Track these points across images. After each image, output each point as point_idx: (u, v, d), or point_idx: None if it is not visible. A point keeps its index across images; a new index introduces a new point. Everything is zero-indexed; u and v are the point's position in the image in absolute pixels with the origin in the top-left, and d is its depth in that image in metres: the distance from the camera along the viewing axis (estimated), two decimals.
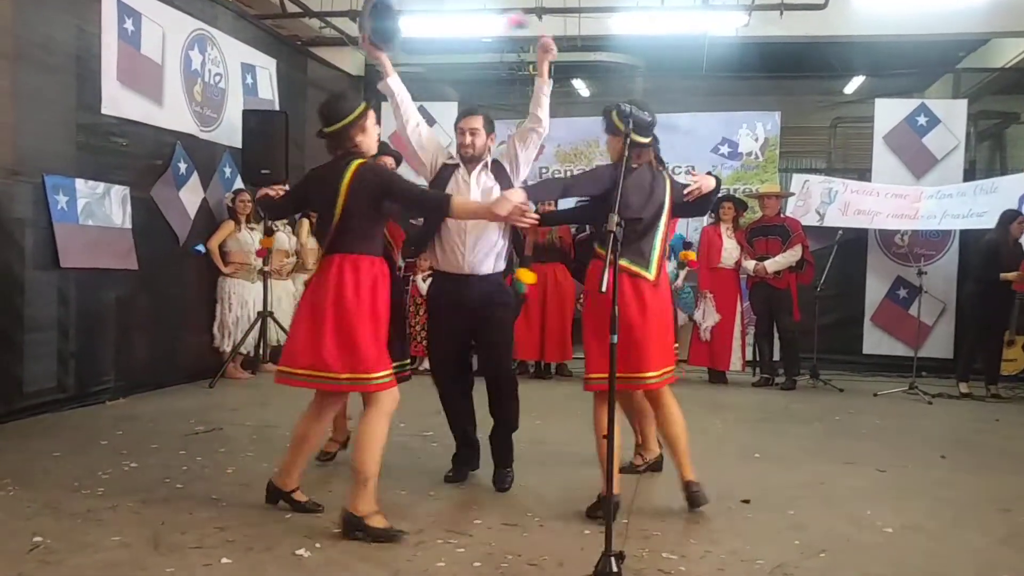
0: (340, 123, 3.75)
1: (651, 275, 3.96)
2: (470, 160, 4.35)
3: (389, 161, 4.89)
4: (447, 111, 10.61)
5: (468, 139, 4.33)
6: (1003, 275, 7.79)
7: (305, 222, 8.65)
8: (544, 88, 4.36)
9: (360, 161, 3.73)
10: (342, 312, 3.59)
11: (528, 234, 8.44)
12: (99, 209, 6.43)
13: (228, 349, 7.73)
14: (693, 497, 3.99)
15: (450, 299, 4.31)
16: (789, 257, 8.21)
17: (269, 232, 7.75)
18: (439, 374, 4.50)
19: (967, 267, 8.84)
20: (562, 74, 12.92)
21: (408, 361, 4.54)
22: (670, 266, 8.56)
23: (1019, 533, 3.89)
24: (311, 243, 8.67)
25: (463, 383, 4.54)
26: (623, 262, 3.64)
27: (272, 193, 4.25)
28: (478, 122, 4.36)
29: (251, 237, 7.86)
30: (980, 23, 9.40)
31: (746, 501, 4.22)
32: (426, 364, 8.68)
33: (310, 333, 3.64)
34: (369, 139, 3.82)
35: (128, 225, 6.72)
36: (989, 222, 8.15)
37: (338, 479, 4.47)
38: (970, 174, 9.57)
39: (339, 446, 4.94)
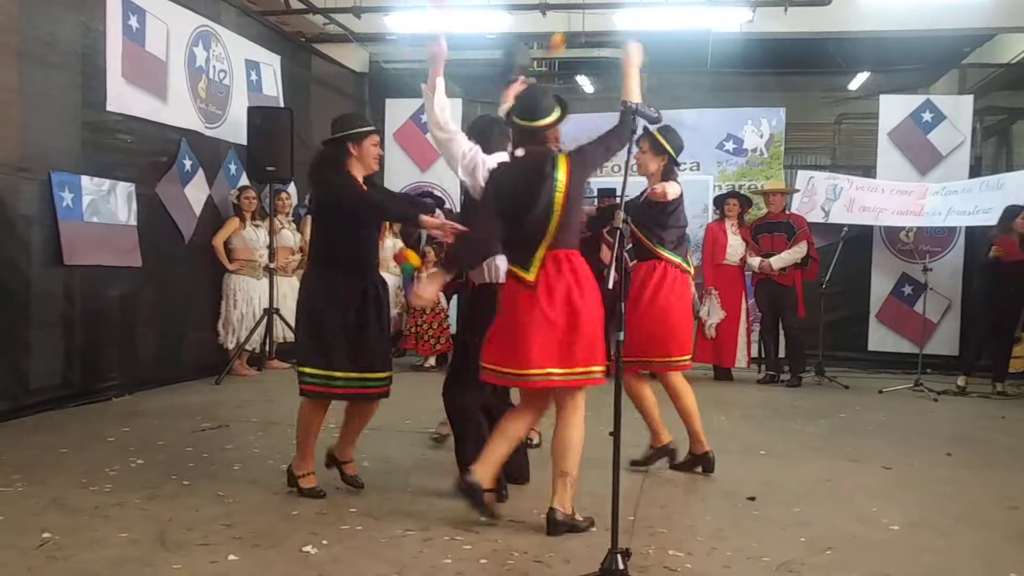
0: (545, 120, 3.77)
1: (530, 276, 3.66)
2: None
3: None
4: (452, 107, 10.59)
5: None
6: (992, 252, 7.79)
7: (311, 219, 8.63)
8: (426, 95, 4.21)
9: (565, 157, 3.76)
10: (579, 308, 3.60)
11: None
12: (104, 206, 6.43)
13: (233, 346, 7.73)
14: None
15: None
16: (794, 254, 8.20)
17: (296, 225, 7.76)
18: None
19: (973, 264, 8.83)
20: (566, 70, 12.95)
21: None
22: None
23: None
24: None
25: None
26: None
27: (445, 236, 3.93)
28: None
29: (256, 234, 7.85)
30: (986, 18, 9.38)
31: (752, 498, 4.21)
32: (431, 361, 8.76)
33: (547, 332, 3.58)
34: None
35: (133, 222, 6.73)
36: (995, 219, 8.13)
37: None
38: (976, 170, 9.54)
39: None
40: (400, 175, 10.53)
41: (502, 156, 3.98)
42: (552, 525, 3.58)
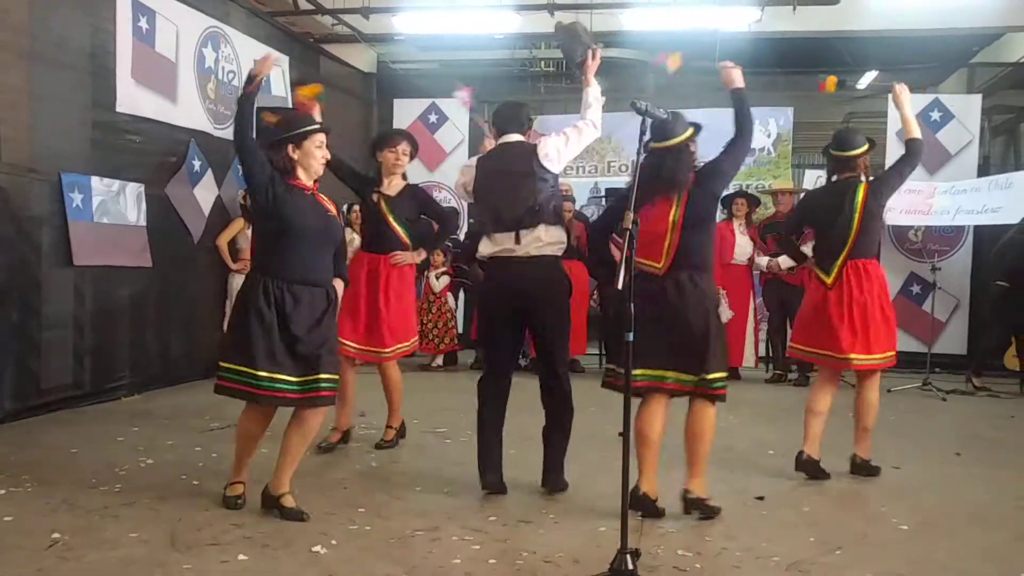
0: (853, 151, 4.70)
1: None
2: None
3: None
4: (459, 107, 10.63)
5: None
6: None
7: None
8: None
9: (865, 183, 4.67)
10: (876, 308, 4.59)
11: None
12: (114, 207, 6.46)
13: None
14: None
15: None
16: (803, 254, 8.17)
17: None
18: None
19: (980, 263, 8.83)
20: (573, 70, 12.93)
21: None
22: None
23: None
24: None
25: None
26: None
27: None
28: None
29: None
30: (994, 17, 9.35)
31: (761, 498, 4.21)
32: (438, 360, 8.77)
33: (850, 328, 4.55)
34: None
35: (143, 223, 6.75)
36: (1003, 218, 8.11)
37: (354, 477, 4.49)
38: (984, 169, 9.51)
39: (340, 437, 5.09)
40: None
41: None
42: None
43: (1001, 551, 3.57)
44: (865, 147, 4.72)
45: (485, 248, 4.27)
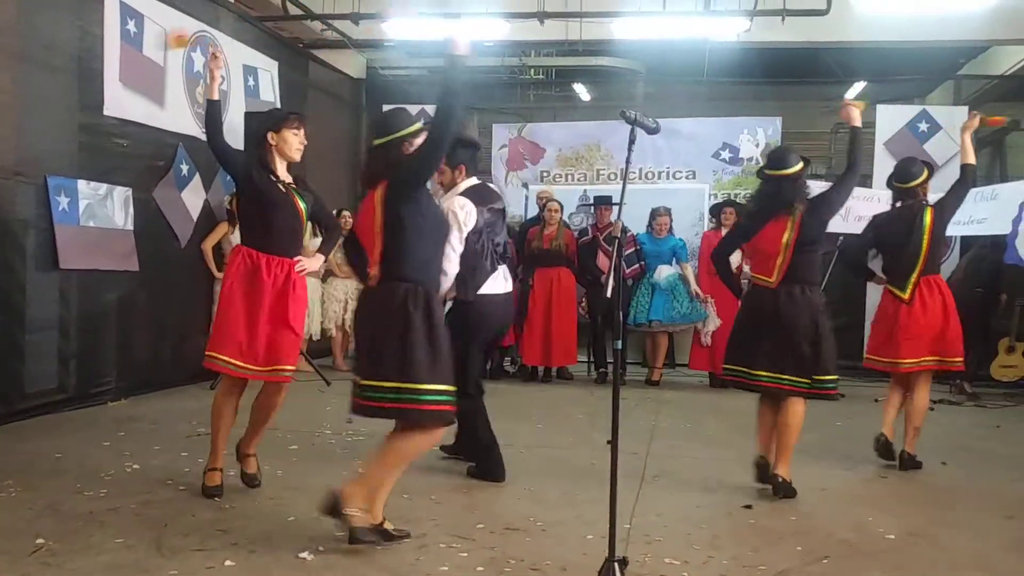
0: (914, 182, 5.24)
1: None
2: None
3: None
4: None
5: None
6: None
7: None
8: None
9: (931, 208, 5.21)
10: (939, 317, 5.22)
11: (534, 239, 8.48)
12: (101, 210, 6.42)
13: None
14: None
15: None
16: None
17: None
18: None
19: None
20: (563, 78, 12.98)
21: None
22: (668, 271, 8.58)
23: (1022, 539, 3.89)
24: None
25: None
26: None
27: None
28: None
29: None
30: (981, 30, 9.44)
31: (748, 506, 4.22)
32: None
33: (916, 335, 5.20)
34: None
35: (130, 226, 6.72)
36: (989, 228, 8.17)
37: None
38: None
39: None
40: None
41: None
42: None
43: (988, 561, 3.59)
44: (924, 175, 5.29)
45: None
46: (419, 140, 3.48)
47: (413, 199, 3.40)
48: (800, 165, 4.56)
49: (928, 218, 5.16)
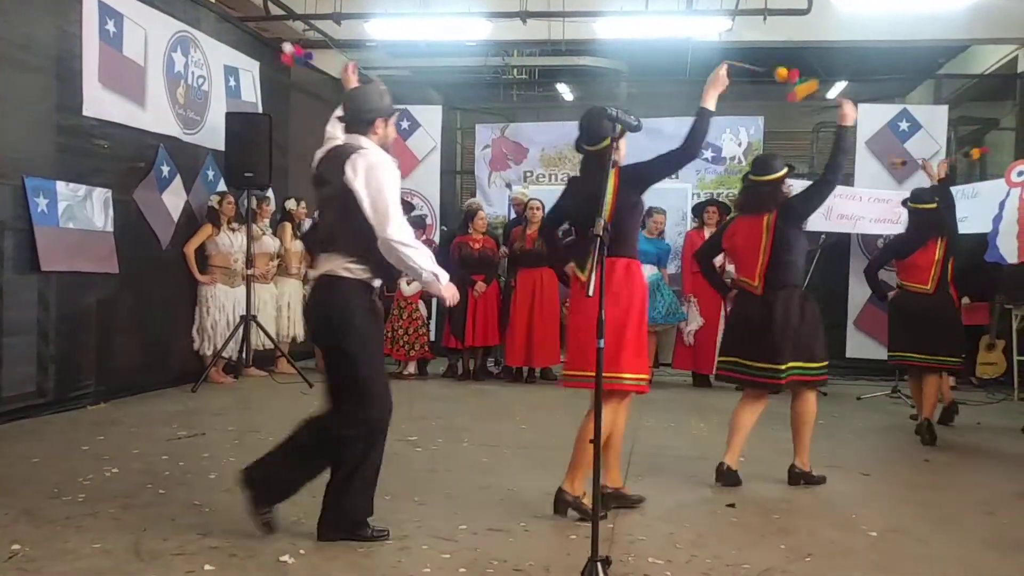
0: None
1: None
2: None
3: None
4: (431, 114, 10.63)
5: None
6: None
7: (288, 225, 8.60)
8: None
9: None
10: None
11: (516, 239, 8.47)
12: (80, 212, 6.36)
13: (208, 353, 7.66)
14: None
15: None
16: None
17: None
18: None
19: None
20: (546, 78, 12.98)
21: None
22: (650, 271, 8.58)
23: (1002, 535, 3.91)
24: (295, 247, 8.63)
25: None
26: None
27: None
28: None
29: (231, 239, 7.77)
30: (960, 30, 9.49)
31: (731, 505, 4.22)
32: (410, 368, 8.71)
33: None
34: None
35: (110, 228, 6.66)
36: (970, 227, 8.21)
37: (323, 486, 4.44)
38: (951, 179, 9.60)
39: None
40: None
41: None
42: None
43: (969, 557, 3.60)
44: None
45: None
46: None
47: (800, 224, 4.73)
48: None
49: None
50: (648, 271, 8.55)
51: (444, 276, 3.53)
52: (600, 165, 3.95)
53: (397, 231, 3.40)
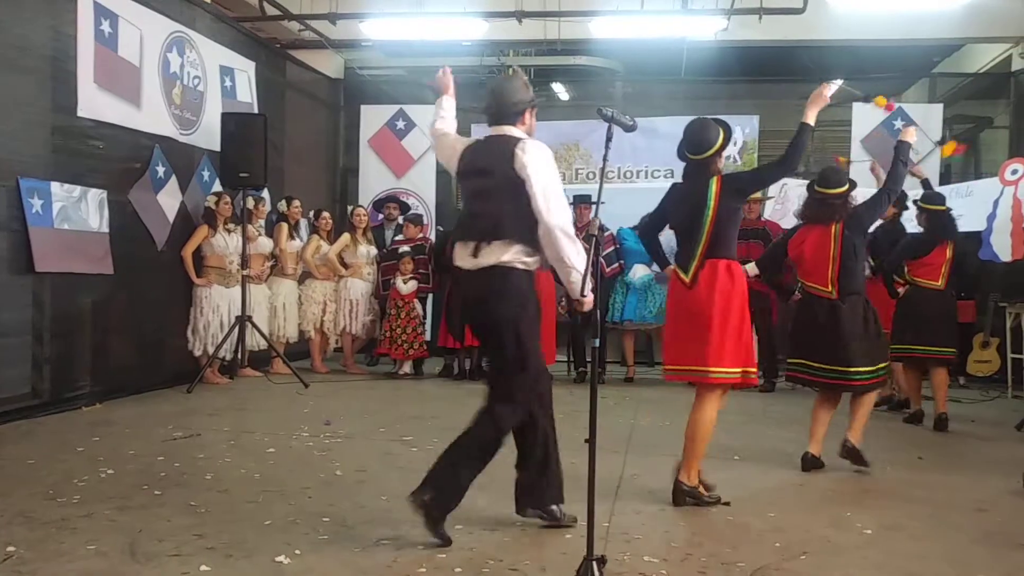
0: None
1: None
2: None
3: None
4: (427, 114, 10.58)
5: None
6: None
7: (284, 226, 8.59)
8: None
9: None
10: None
11: None
12: (75, 213, 6.35)
13: (201, 353, 7.64)
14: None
15: None
16: None
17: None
18: None
19: None
20: (541, 78, 12.96)
21: None
22: (643, 271, 8.60)
23: (995, 532, 3.93)
24: (290, 248, 8.62)
25: None
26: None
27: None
28: None
29: (227, 240, 7.76)
30: (955, 28, 9.52)
31: (726, 503, 4.23)
32: (405, 368, 8.71)
33: None
34: None
35: (105, 229, 6.66)
36: (965, 225, 8.21)
37: (318, 485, 4.44)
38: (945, 178, 9.65)
39: None
40: (376, 181, 10.51)
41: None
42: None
43: (961, 554, 3.62)
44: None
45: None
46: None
47: (865, 234, 5.09)
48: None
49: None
50: (641, 271, 8.60)
51: (588, 284, 3.37)
52: (703, 173, 4.26)
53: (564, 219, 3.53)
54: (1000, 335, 8.37)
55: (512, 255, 3.58)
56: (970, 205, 8.34)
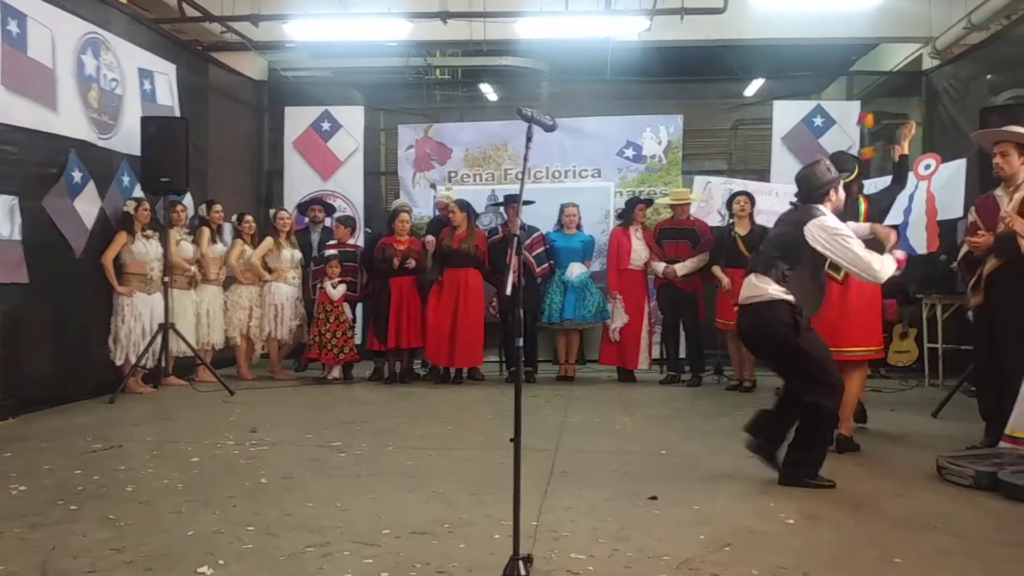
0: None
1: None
2: None
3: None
4: (353, 115, 10.53)
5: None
6: None
7: (206, 231, 8.41)
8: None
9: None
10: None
11: (445, 237, 8.42)
12: None
13: (123, 363, 7.45)
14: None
15: None
16: (699, 262, 8.34)
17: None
18: None
19: None
20: (469, 78, 12.97)
21: None
22: (580, 269, 8.64)
23: (912, 515, 4.04)
24: (212, 252, 8.45)
25: None
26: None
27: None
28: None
29: (147, 247, 7.57)
30: (870, 28, 9.81)
31: (653, 498, 4.26)
32: (334, 372, 8.61)
33: None
34: None
35: (17, 236, 6.43)
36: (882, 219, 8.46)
37: (243, 494, 4.36)
38: (864, 173, 9.89)
39: None
40: (302, 183, 10.38)
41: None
42: None
43: (881, 538, 3.71)
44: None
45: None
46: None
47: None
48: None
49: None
50: (578, 270, 8.64)
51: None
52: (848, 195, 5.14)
53: (882, 272, 4.51)
54: (917, 326, 8.63)
55: (774, 289, 4.56)
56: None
